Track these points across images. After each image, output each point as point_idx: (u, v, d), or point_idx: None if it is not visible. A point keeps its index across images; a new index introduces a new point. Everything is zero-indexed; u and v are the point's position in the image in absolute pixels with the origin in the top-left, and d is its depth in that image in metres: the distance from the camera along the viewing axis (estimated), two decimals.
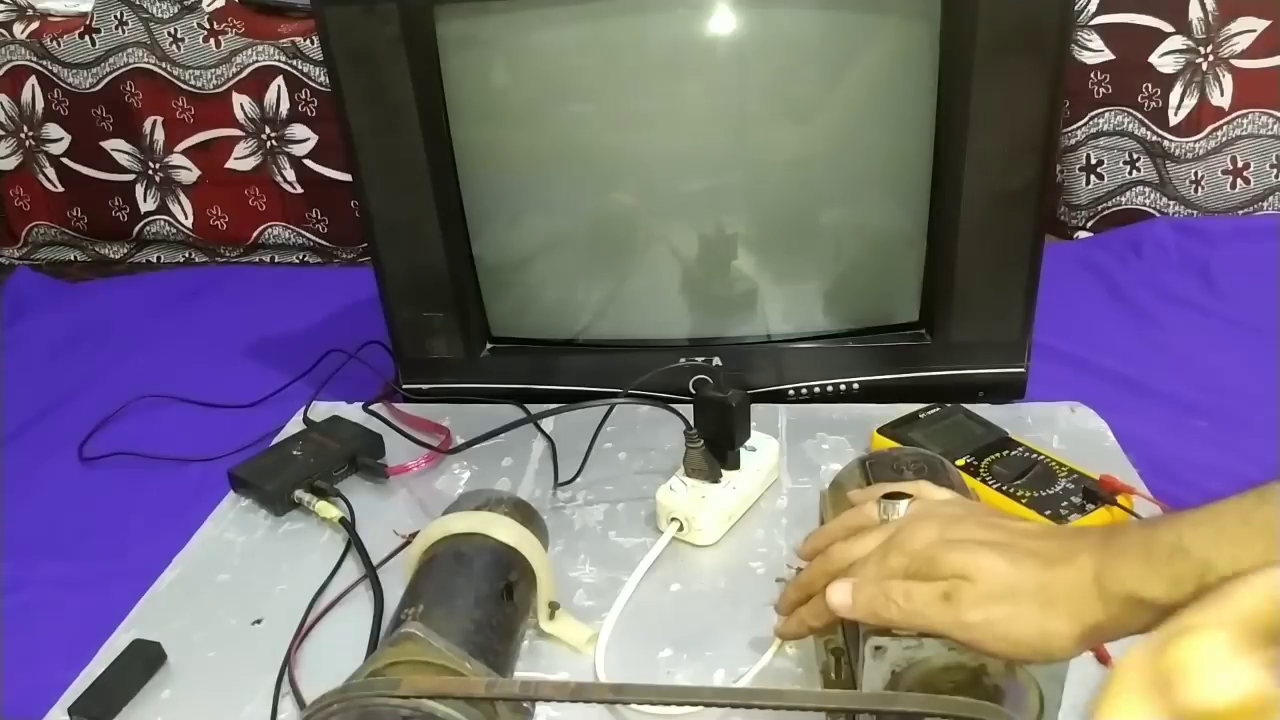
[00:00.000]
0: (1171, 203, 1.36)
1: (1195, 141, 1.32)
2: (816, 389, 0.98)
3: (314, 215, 1.52)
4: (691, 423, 0.80)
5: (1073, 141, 1.36)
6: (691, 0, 0.86)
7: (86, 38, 1.47)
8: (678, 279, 0.97)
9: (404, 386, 1.03)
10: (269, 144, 1.48)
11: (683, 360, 0.94)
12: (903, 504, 0.56)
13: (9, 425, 1.09)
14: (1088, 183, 1.39)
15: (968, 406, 0.91)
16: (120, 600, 0.77)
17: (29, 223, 1.62)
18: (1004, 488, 0.79)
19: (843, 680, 0.60)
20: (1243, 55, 1.28)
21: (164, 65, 1.46)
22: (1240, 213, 1.35)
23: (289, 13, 1.46)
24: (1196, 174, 1.34)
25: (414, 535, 0.70)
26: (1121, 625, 0.45)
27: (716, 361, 0.96)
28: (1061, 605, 0.46)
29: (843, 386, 0.98)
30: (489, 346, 1.01)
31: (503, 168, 0.94)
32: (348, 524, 0.82)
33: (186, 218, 1.56)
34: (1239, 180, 1.33)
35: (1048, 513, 0.76)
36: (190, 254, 1.61)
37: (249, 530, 0.85)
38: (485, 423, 0.91)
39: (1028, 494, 0.78)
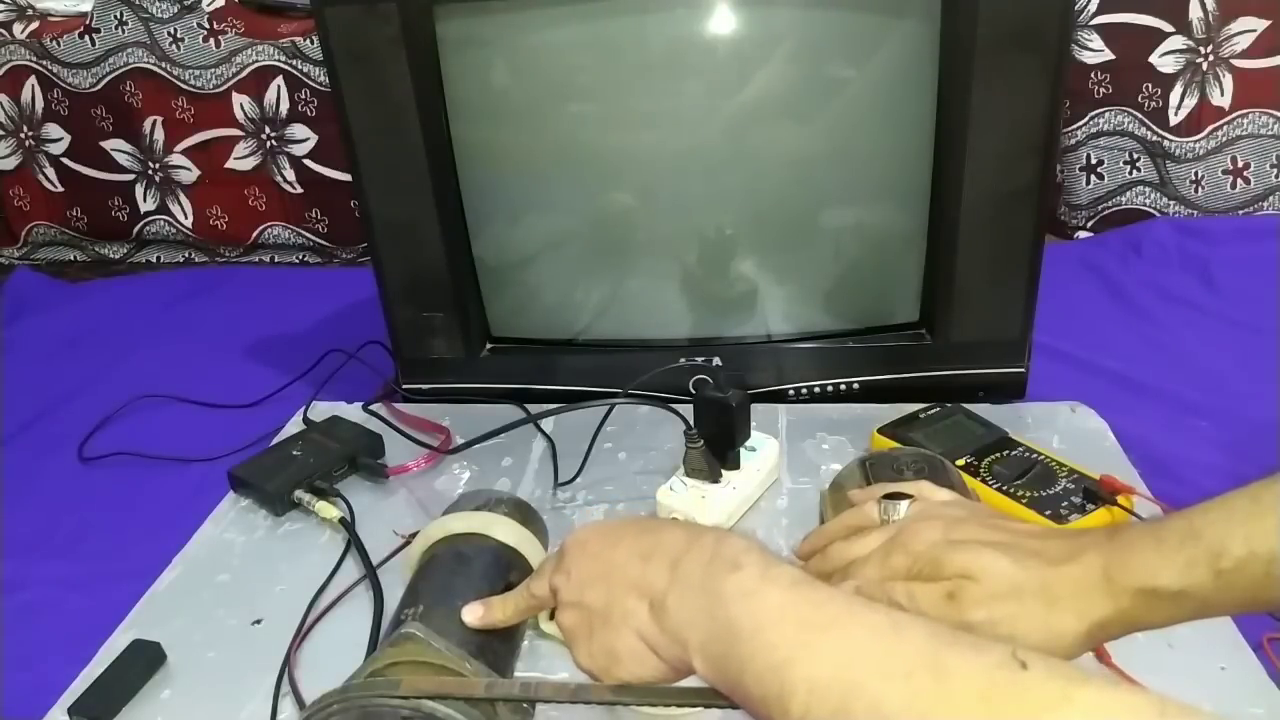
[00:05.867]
0: (1172, 203, 1.36)
1: (1195, 141, 1.32)
2: (816, 389, 0.98)
3: (314, 215, 1.52)
4: (691, 423, 0.79)
5: (1073, 141, 1.37)
6: (691, 0, 0.86)
7: (86, 38, 1.47)
8: (678, 279, 0.97)
9: (404, 386, 1.03)
10: (269, 144, 1.48)
11: (683, 360, 0.94)
12: (903, 504, 0.56)
13: (9, 425, 1.09)
14: (1088, 182, 1.39)
15: (968, 406, 0.91)
16: (120, 600, 0.77)
17: (29, 223, 1.62)
18: (1004, 488, 0.79)
19: None
20: (1243, 55, 1.28)
21: (164, 65, 1.46)
22: (1240, 213, 1.35)
23: (289, 12, 1.46)
24: (1197, 174, 1.34)
25: (414, 535, 0.70)
26: (1130, 620, 0.46)
27: (716, 361, 0.96)
28: (1067, 603, 0.46)
29: (843, 386, 0.97)
30: (489, 346, 1.01)
31: (503, 168, 0.94)
32: (347, 524, 0.82)
33: (186, 218, 1.56)
34: (1239, 180, 1.33)
35: (1048, 513, 0.76)
36: (190, 254, 1.61)
37: (249, 530, 0.85)
38: (485, 423, 0.91)
39: (1028, 494, 0.78)
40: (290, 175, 1.49)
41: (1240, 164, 1.32)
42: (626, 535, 0.49)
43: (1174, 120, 1.32)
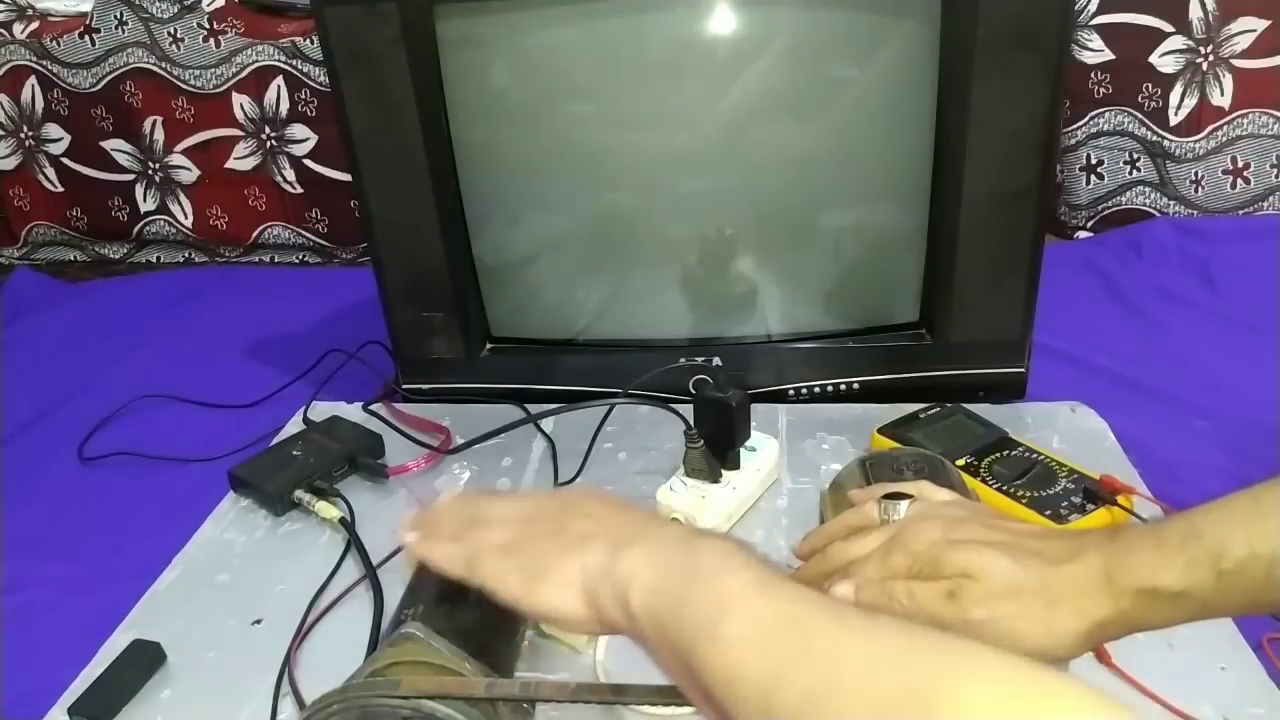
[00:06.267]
0: (1171, 203, 1.36)
1: (1195, 141, 1.32)
2: (816, 389, 0.98)
3: (314, 215, 1.52)
4: (691, 423, 0.79)
5: (1073, 141, 1.37)
6: (691, 0, 0.86)
7: (86, 38, 1.47)
8: (677, 279, 0.97)
9: (404, 386, 1.03)
10: (269, 144, 1.48)
11: (683, 360, 0.94)
12: (903, 504, 0.56)
13: (9, 425, 1.09)
14: (1088, 183, 1.39)
15: (968, 406, 0.91)
16: (120, 600, 0.77)
17: (29, 223, 1.62)
18: (1004, 488, 0.79)
19: None
20: (1243, 55, 1.28)
21: (164, 65, 1.46)
22: (1240, 213, 1.35)
23: (289, 12, 1.46)
24: (1197, 174, 1.34)
25: None
26: (1130, 620, 0.46)
27: (716, 361, 0.96)
28: (1067, 602, 0.46)
29: (843, 386, 0.97)
30: (489, 346, 1.01)
31: (503, 168, 0.94)
32: (348, 524, 0.82)
33: (186, 218, 1.56)
34: (1239, 180, 1.33)
35: (1048, 513, 0.76)
36: (190, 254, 1.61)
37: (249, 530, 0.85)
38: (485, 423, 0.91)
39: (1028, 494, 0.78)
40: (290, 175, 1.49)
41: (1240, 164, 1.32)
42: (631, 506, 0.51)
43: (1174, 120, 1.32)
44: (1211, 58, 1.28)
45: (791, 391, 0.98)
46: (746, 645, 0.37)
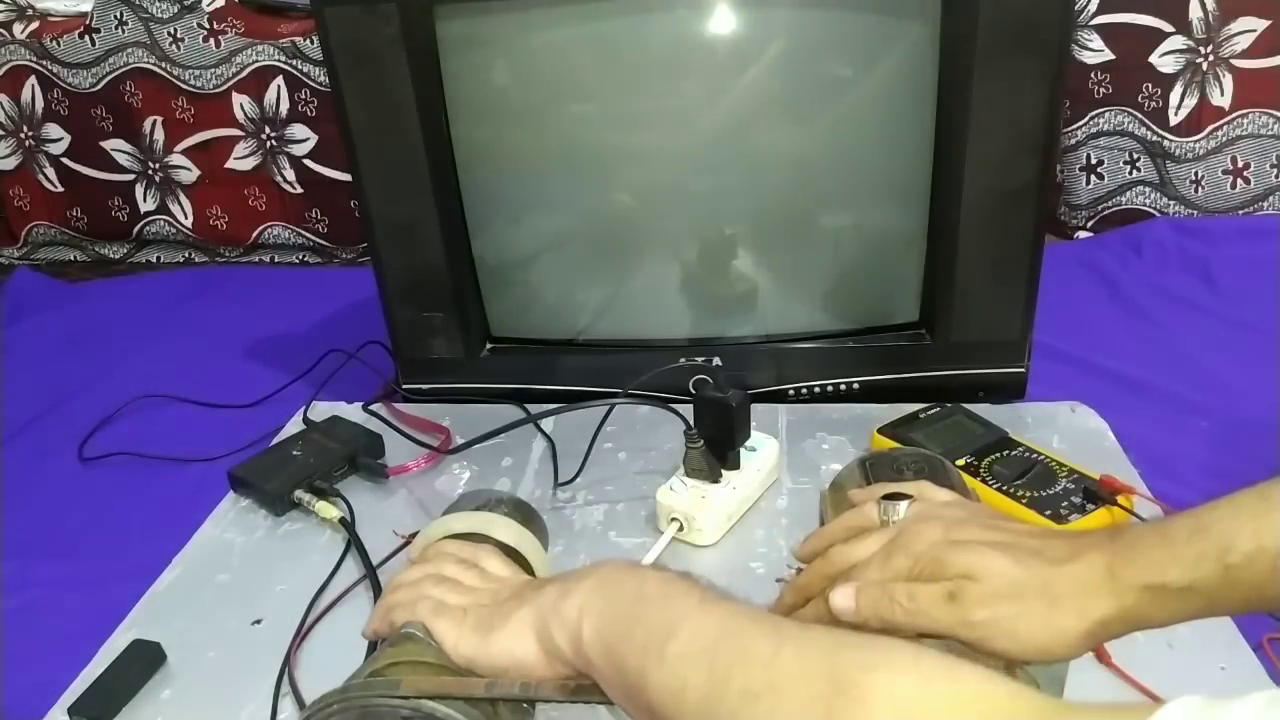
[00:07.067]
0: (1171, 203, 1.37)
1: (1195, 141, 1.32)
2: (816, 389, 0.98)
3: (314, 215, 1.52)
4: (691, 423, 0.79)
5: (1073, 141, 1.37)
6: (692, 0, 0.86)
7: (86, 38, 1.47)
8: (678, 279, 0.97)
9: (404, 386, 1.03)
10: (269, 144, 1.48)
11: (683, 360, 0.94)
12: (903, 505, 0.56)
13: (9, 425, 1.09)
14: (1088, 183, 1.39)
15: (968, 406, 0.91)
16: (120, 600, 0.77)
17: (29, 223, 1.62)
18: (1004, 488, 0.79)
19: None
20: (1243, 55, 1.28)
21: (164, 65, 1.46)
22: (1240, 213, 1.35)
23: (289, 12, 1.46)
24: (1197, 174, 1.34)
25: (414, 535, 0.70)
26: (1133, 618, 0.45)
27: (716, 361, 0.96)
28: (1068, 602, 0.46)
29: (843, 386, 0.98)
30: (489, 346, 1.01)
31: (503, 168, 0.94)
32: (348, 524, 0.82)
33: (186, 218, 1.56)
34: (1239, 180, 1.33)
35: (1048, 513, 0.76)
36: (190, 254, 1.61)
37: (249, 530, 0.85)
38: (485, 423, 0.91)
39: (1028, 494, 0.78)
40: (290, 175, 1.49)
41: (1240, 164, 1.32)
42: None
43: (1174, 120, 1.32)
44: (1211, 58, 1.28)
45: (791, 391, 0.98)
46: (691, 660, 0.41)
